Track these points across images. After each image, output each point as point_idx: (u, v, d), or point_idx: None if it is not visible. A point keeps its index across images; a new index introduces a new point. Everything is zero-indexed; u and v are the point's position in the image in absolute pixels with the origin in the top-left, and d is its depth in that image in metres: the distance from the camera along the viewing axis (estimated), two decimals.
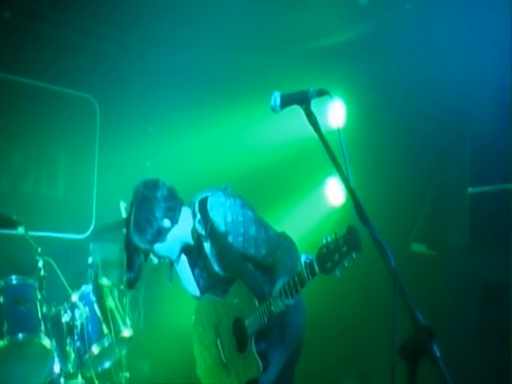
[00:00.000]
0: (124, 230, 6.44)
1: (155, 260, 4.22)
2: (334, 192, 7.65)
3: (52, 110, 7.35)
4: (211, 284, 4.27)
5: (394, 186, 7.08)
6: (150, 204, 4.05)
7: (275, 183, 7.90)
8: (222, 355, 4.14)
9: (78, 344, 5.71)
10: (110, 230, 6.73)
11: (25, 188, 7.20)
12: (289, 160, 7.69)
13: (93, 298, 5.91)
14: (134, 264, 4.18)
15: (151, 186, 4.12)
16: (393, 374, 2.57)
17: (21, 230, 5.77)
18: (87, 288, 5.92)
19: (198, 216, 4.14)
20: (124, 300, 6.50)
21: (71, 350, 5.71)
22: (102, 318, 5.87)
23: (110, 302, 5.99)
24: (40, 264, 5.69)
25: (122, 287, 6.61)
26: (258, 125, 7.47)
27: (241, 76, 7.70)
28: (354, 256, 3.25)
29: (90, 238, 7.52)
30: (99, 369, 6.05)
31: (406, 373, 2.43)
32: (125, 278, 6.52)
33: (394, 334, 2.54)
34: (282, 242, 4.10)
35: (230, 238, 4.05)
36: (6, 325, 5.33)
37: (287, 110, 3.10)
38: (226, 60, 7.68)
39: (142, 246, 4.06)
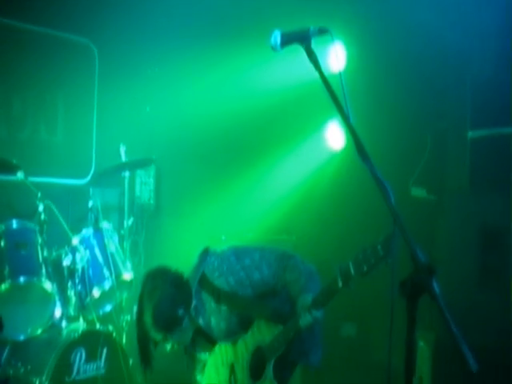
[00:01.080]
0: (124, 174, 6.51)
1: (168, 347, 4.15)
2: (335, 136, 7.63)
3: (50, 55, 7.26)
4: None
5: (394, 130, 7.07)
6: (164, 294, 4.00)
7: (275, 127, 7.88)
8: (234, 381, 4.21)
9: (79, 287, 5.73)
10: (110, 174, 6.73)
11: (24, 134, 7.16)
12: (289, 104, 7.67)
13: (93, 241, 5.92)
14: (150, 356, 4.13)
15: (160, 275, 4.10)
16: (392, 312, 2.59)
17: (20, 176, 5.74)
18: (88, 231, 5.92)
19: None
20: (124, 244, 6.52)
21: (72, 294, 5.73)
22: (102, 262, 5.89)
23: (111, 246, 5.99)
24: (40, 208, 5.68)
25: (122, 232, 6.63)
26: (259, 68, 7.43)
27: (240, 17, 7.62)
28: (388, 261, 3.24)
29: (90, 182, 7.51)
30: (100, 312, 6.09)
31: (405, 310, 2.45)
32: (126, 225, 6.61)
33: (394, 272, 2.55)
34: (287, 263, 4.14)
35: (240, 293, 4.11)
36: (7, 268, 5.34)
37: (288, 53, 3.08)
38: (226, 1, 7.59)
39: (159, 336, 4.02)
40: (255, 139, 7.89)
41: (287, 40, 2.98)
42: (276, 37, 2.97)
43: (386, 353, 2.63)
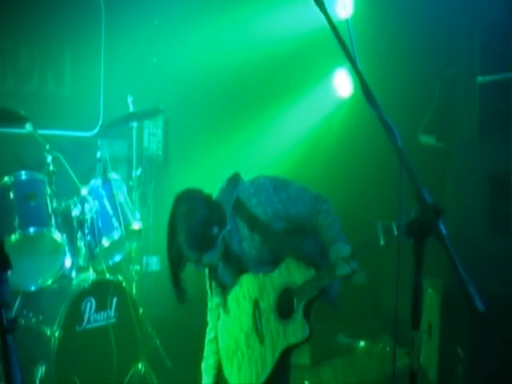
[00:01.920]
0: (132, 125, 6.50)
1: (199, 267, 4.06)
2: (343, 83, 7.59)
3: (56, 7, 7.22)
4: None
5: (402, 78, 7.05)
6: (199, 214, 3.91)
7: (283, 75, 7.86)
8: (258, 323, 4.17)
9: (88, 238, 5.75)
10: (118, 124, 6.71)
11: (31, 86, 7.16)
12: (296, 52, 7.64)
13: (102, 191, 5.93)
14: (180, 279, 4.04)
15: (192, 196, 4.03)
16: (399, 254, 2.59)
17: (28, 128, 5.75)
18: (96, 182, 5.94)
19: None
20: (133, 195, 6.54)
21: (82, 244, 5.76)
22: (111, 212, 5.91)
23: (120, 196, 6.01)
24: (49, 159, 5.69)
25: (130, 183, 6.64)
26: (266, 16, 7.38)
27: None
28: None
29: (98, 134, 7.50)
30: (110, 262, 6.14)
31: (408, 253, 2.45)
32: (135, 176, 6.61)
33: (401, 212, 2.55)
34: (321, 206, 4.17)
35: (275, 226, 4.09)
36: (16, 219, 5.36)
37: (293, 2, 3.05)
38: None
39: (195, 256, 3.94)
40: (263, 87, 7.87)
41: None
42: None
43: (399, 298, 2.64)
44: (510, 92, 5.71)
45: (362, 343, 7.13)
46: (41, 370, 5.21)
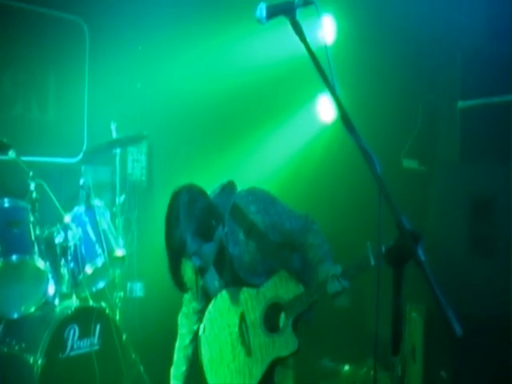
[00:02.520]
0: (115, 151, 6.51)
1: (197, 262, 4.06)
2: (326, 109, 7.63)
3: (40, 33, 7.23)
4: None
5: (385, 103, 7.08)
6: (202, 203, 4.08)
7: (266, 101, 7.88)
8: (246, 336, 4.22)
9: (71, 265, 5.75)
10: (102, 151, 6.73)
11: (15, 113, 7.14)
12: (280, 77, 7.66)
13: (85, 218, 5.93)
14: (179, 271, 4.10)
15: (194, 188, 4.19)
16: (379, 279, 2.61)
17: (12, 154, 5.74)
18: (79, 209, 5.93)
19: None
20: (117, 221, 6.53)
21: (65, 271, 5.75)
22: (94, 239, 5.90)
23: (103, 223, 6.01)
24: (32, 187, 5.67)
25: (114, 209, 6.64)
26: (250, 42, 7.42)
27: None
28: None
29: (82, 160, 7.50)
30: (93, 289, 6.12)
31: (391, 277, 2.47)
32: (118, 202, 6.61)
33: (380, 239, 2.57)
34: (310, 226, 4.29)
35: (271, 237, 4.18)
36: None
37: (278, 25, 3.09)
38: None
39: (195, 247, 4.00)
40: (246, 113, 7.89)
41: (272, 12, 2.99)
42: (261, 9, 2.99)
43: (382, 323, 2.66)
44: (490, 115, 5.78)
45: (346, 367, 7.12)
46: None
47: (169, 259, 4.08)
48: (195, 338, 4.53)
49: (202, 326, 4.41)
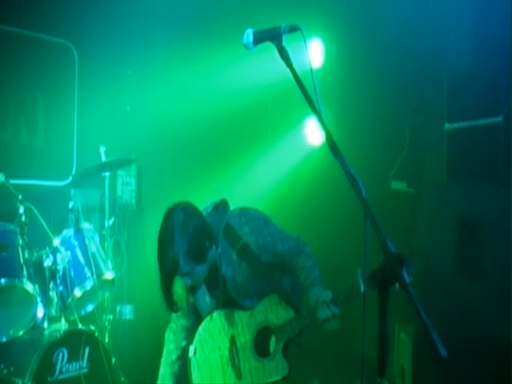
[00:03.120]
0: (105, 174, 6.52)
1: (188, 282, 3.98)
2: (314, 132, 7.67)
3: (30, 57, 7.24)
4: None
5: (373, 125, 7.13)
6: (196, 223, 3.98)
7: (255, 124, 7.92)
8: (236, 359, 4.21)
9: (60, 288, 5.72)
10: (91, 174, 6.73)
11: (4, 136, 7.13)
12: (268, 101, 7.71)
13: (74, 242, 5.91)
14: (171, 291, 4.00)
15: (189, 206, 4.09)
16: (364, 301, 2.63)
17: (1, 178, 5.73)
18: (68, 232, 5.91)
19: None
20: (106, 244, 6.53)
21: (54, 294, 5.72)
22: (83, 262, 5.88)
23: (92, 246, 5.99)
24: (21, 210, 5.65)
25: (103, 232, 6.63)
26: (238, 66, 7.46)
27: (217, 17, 7.67)
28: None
29: (71, 184, 7.50)
30: (82, 312, 6.10)
31: (376, 300, 2.49)
32: (107, 225, 6.61)
33: (365, 262, 2.59)
34: (302, 248, 4.29)
35: (263, 258, 4.17)
36: None
37: (266, 50, 3.13)
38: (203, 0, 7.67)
39: (187, 268, 3.91)
40: (235, 136, 7.93)
41: (259, 38, 3.04)
42: (248, 35, 3.04)
43: (370, 345, 2.67)
44: (476, 138, 5.83)
45: None
46: None
47: (161, 278, 3.98)
48: (183, 355, 4.52)
49: (192, 347, 4.37)
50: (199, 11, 7.79)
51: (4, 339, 5.47)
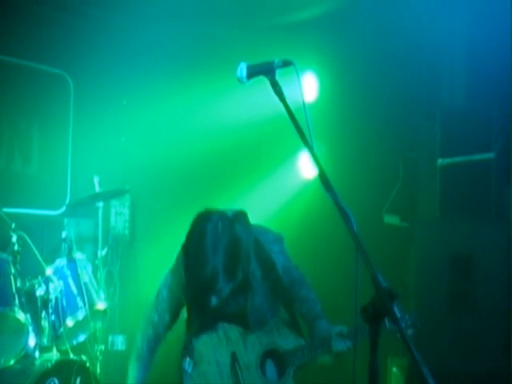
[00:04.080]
0: (98, 205, 6.52)
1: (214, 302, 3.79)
2: (307, 165, 7.69)
3: (25, 86, 7.28)
4: None
5: (367, 159, 7.17)
6: (230, 237, 3.74)
7: (248, 156, 7.94)
8: (240, 378, 3.92)
9: (52, 317, 5.71)
10: (85, 204, 6.75)
11: None
12: (262, 134, 7.74)
13: (67, 271, 5.91)
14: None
15: (227, 220, 3.83)
16: (356, 335, 2.64)
17: None
18: (61, 262, 5.92)
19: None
20: (98, 274, 6.53)
21: (46, 324, 5.69)
22: (76, 292, 5.88)
23: (84, 276, 6.00)
24: (14, 239, 5.64)
25: (96, 262, 6.64)
26: (232, 99, 7.49)
27: (212, 51, 7.72)
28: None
29: (65, 213, 7.50)
30: (74, 342, 6.06)
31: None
32: (100, 255, 6.61)
33: (357, 296, 2.60)
34: (305, 279, 4.29)
35: (285, 280, 4.08)
36: None
37: (260, 85, 3.17)
38: (197, 34, 7.70)
39: (221, 285, 3.69)
40: (229, 168, 7.95)
41: (253, 72, 3.07)
42: (242, 69, 3.07)
43: (361, 379, 2.67)
44: (469, 173, 5.86)
45: None
46: None
47: (192, 291, 3.76)
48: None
49: (187, 360, 4.04)
50: (193, 45, 7.84)
51: None
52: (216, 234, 3.67)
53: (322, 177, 2.75)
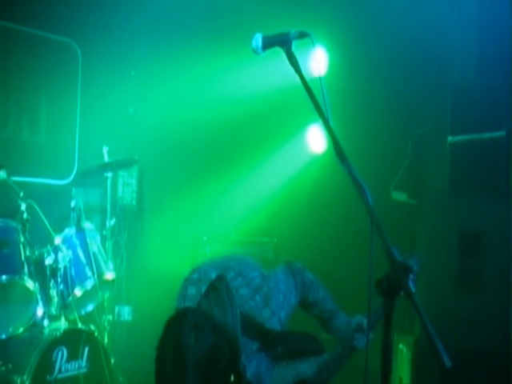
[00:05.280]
0: (107, 175, 6.52)
1: None
2: (316, 139, 7.68)
3: (33, 55, 7.24)
4: None
5: (375, 136, 7.15)
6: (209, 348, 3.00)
7: (258, 130, 7.95)
8: None
9: (61, 287, 5.71)
10: (93, 174, 6.75)
11: (6, 133, 7.11)
12: (271, 107, 7.73)
13: (76, 241, 5.90)
14: None
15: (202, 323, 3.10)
16: (369, 309, 2.64)
17: (2, 174, 5.73)
18: (70, 231, 5.91)
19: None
20: (106, 245, 6.53)
21: (54, 293, 5.71)
22: (84, 261, 5.87)
23: (93, 246, 5.98)
24: (22, 207, 5.63)
25: (104, 232, 6.63)
26: (242, 71, 7.48)
27: (225, 20, 7.69)
28: None
29: (73, 183, 7.50)
30: (82, 311, 6.08)
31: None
32: (108, 225, 6.60)
33: (371, 270, 2.60)
34: (310, 284, 3.91)
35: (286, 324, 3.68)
36: None
37: (271, 56, 3.15)
38: (209, 4, 7.66)
39: None
40: (237, 141, 7.95)
41: (268, 43, 3.05)
42: (257, 40, 3.04)
43: (372, 357, 2.67)
44: (479, 150, 5.84)
45: None
46: None
47: None
48: None
49: None
50: (204, 15, 7.81)
51: (3, 336, 5.46)
52: (187, 349, 2.95)
53: (337, 149, 2.73)
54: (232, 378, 3.05)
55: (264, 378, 3.49)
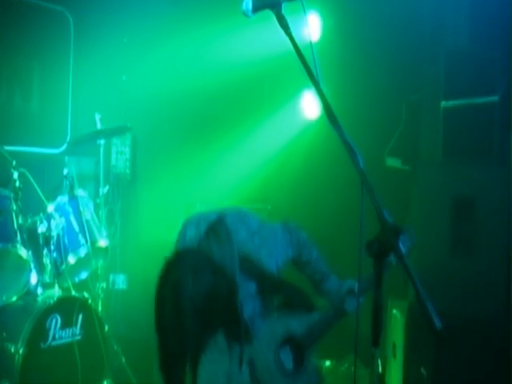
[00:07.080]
0: (99, 142, 6.50)
1: None
2: (310, 105, 7.65)
3: (25, 23, 7.18)
4: None
5: (369, 101, 7.13)
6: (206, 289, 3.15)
7: (251, 96, 7.91)
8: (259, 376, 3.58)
9: (54, 254, 5.73)
10: (86, 142, 6.72)
11: None
12: (264, 73, 7.69)
13: (69, 208, 5.90)
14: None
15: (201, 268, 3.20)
16: (360, 270, 2.64)
17: None
18: (63, 199, 5.90)
19: None
20: (100, 213, 6.53)
21: (48, 261, 5.73)
22: (78, 229, 5.87)
23: (86, 213, 5.98)
24: (15, 175, 5.63)
25: (97, 200, 6.63)
26: (235, 37, 7.43)
27: None
28: None
29: (66, 151, 7.48)
30: (76, 279, 6.10)
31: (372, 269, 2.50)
32: (102, 193, 6.60)
33: (362, 232, 2.59)
34: (304, 242, 3.96)
35: (281, 274, 3.77)
36: None
37: (264, 21, 3.12)
38: None
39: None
40: (231, 108, 7.92)
41: (258, 5, 3.01)
42: (247, 2, 3.00)
43: (363, 319, 2.67)
44: (473, 116, 5.83)
45: (327, 363, 7.13)
46: None
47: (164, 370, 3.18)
48: None
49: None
50: None
51: None
52: (186, 293, 3.05)
53: (329, 113, 2.72)
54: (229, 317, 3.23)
55: (257, 324, 3.63)
